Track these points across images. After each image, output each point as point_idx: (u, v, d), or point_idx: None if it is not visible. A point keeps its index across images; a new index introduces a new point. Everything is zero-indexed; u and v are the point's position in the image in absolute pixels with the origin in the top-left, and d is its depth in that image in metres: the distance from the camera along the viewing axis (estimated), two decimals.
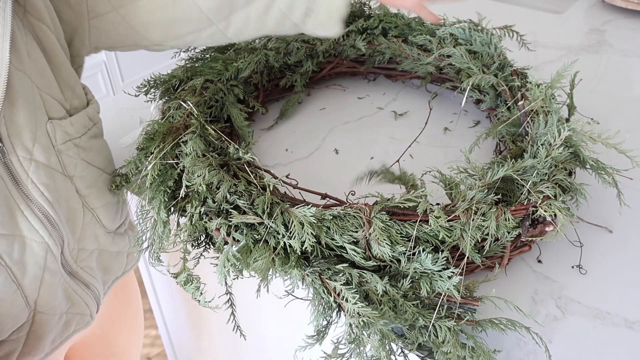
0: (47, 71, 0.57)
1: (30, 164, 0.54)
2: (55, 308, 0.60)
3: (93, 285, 0.65)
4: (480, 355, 0.52)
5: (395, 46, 0.89)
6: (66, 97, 0.59)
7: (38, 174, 0.54)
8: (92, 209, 0.63)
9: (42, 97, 0.56)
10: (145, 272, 1.09)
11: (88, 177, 0.62)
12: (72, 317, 0.64)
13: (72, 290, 0.62)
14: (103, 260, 0.67)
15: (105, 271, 0.68)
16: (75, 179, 0.60)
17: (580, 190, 0.64)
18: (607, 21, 1.25)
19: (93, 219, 0.63)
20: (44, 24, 0.57)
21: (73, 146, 0.59)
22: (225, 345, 1.04)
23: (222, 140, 0.69)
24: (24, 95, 0.53)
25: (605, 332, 0.58)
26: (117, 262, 0.70)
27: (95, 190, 0.63)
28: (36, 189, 0.54)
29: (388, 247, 0.55)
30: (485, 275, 0.63)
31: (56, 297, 0.59)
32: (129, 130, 0.89)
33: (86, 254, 0.63)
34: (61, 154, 0.58)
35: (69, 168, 0.59)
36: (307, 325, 0.56)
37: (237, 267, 0.56)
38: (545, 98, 0.70)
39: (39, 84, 0.56)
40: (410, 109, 0.93)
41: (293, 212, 0.57)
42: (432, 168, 0.67)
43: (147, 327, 1.75)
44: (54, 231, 0.56)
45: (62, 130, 0.58)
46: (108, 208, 0.65)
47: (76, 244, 0.61)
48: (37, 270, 0.56)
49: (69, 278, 0.61)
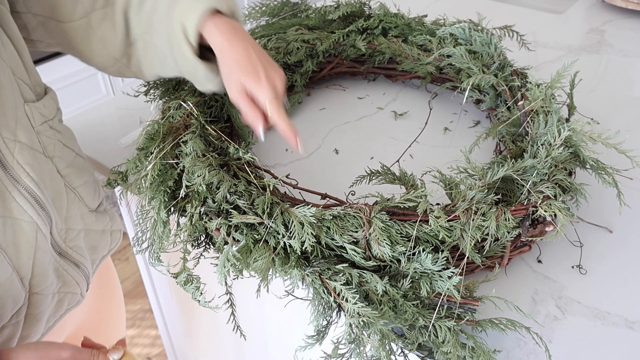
0: (15, 55, 0.58)
1: (15, 145, 0.55)
2: (48, 287, 0.61)
3: (82, 264, 0.66)
4: (480, 355, 0.52)
5: (395, 46, 0.89)
6: (32, 82, 0.60)
7: (23, 155, 0.55)
8: (73, 189, 0.64)
9: (16, 81, 0.57)
10: (145, 272, 1.09)
11: (66, 158, 0.63)
12: (63, 296, 0.65)
13: (63, 270, 0.63)
14: (90, 240, 0.68)
15: (93, 250, 0.69)
16: (55, 159, 0.61)
17: (580, 190, 0.64)
18: (607, 21, 1.25)
19: (76, 198, 0.64)
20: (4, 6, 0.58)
21: (49, 128, 0.61)
22: (225, 345, 1.04)
23: (222, 140, 0.69)
24: (3, 78, 0.54)
25: (605, 332, 0.58)
26: (103, 241, 0.72)
27: (74, 169, 0.64)
28: (22, 170, 0.55)
29: (388, 247, 0.55)
30: (485, 275, 0.63)
31: (48, 276, 0.60)
32: (129, 130, 0.89)
33: (74, 234, 0.64)
34: (40, 134, 0.59)
35: (48, 149, 0.60)
36: (307, 325, 0.56)
37: (237, 267, 0.56)
38: (545, 98, 0.70)
39: (13, 68, 0.57)
40: (410, 109, 0.93)
41: (293, 212, 0.57)
42: (432, 168, 0.67)
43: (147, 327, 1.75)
44: (41, 211, 0.57)
45: (38, 112, 0.59)
46: (87, 187, 0.67)
47: (63, 223, 0.62)
48: (29, 250, 0.57)
49: (59, 257, 0.62)
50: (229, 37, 0.61)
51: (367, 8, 0.95)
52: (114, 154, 0.84)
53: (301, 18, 0.95)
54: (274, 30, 0.92)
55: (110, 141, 0.87)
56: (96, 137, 0.88)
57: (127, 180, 0.68)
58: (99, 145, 0.86)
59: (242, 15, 0.94)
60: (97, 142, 0.87)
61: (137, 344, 1.70)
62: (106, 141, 0.87)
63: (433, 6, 1.32)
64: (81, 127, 0.91)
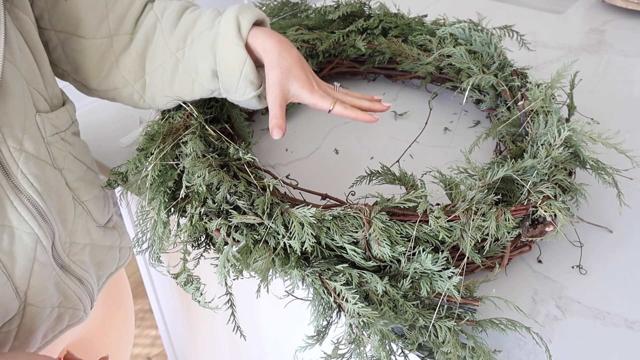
0: (33, 65, 0.58)
1: (20, 154, 0.54)
2: (45, 301, 0.60)
3: (86, 280, 0.65)
4: (480, 356, 0.52)
5: (395, 46, 0.89)
6: (49, 94, 0.61)
7: (28, 165, 0.55)
8: (82, 202, 0.64)
9: (30, 91, 0.57)
10: (145, 272, 1.09)
11: (76, 171, 0.63)
12: (64, 311, 0.64)
13: (65, 284, 0.62)
14: (96, 255, 0.67)
15: (98, 266, 0.68)
16: (64, 172, 0.61)
17: (580, 190, 0.64)
18: (607, 21, 1.25)
19: (84, 212, 0.64)
20: (29, 18, 0.58)
21: (60, 139, 0.61)
22: (226, 345, 1.04)
23: (222, 141, 0.69)
24: (15, 87, 0.54)
25: (605, 332, 0.58)
26: (110, 257, 0.71)
27: (84, 183, 0.64)
28: (26, 180, 0.55)
29: (388, 248, 0.55)
30: (486, 275, 0.63)
31: (47, 289, 0.60)
32: (129, 130, 0.89)
33: (78, 248, 0.64)
34: (50, 146, 0.59)
35: (58, 160, 0.60)
36: (307, 325, 0.56)
37: (237, 268, 0.56)
38: (545, 98, 0.70)
39: (27, 78, 0.57)
40: (410, 109, 0.93)
41: (293, 212, 0.57)
42: (432, 168, 0.67)
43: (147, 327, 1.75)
44: (44, 223, 0.57)
45: (50, 123, 0.59)
46: (97, 201, 0.66)
47: (68, 237, 0.62)
48: (27, 261, 0.56)
49: (60, 271, 0.61)
50: (280, 43, 0.64)
51: (367, 8, 0.95)
52: (114, 154, 0.84)
53: (301, 18, 0.95)
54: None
55: (110, 141, 0.88)
56: (96, 137, 0.89)
57: (127, 181, 0.68)
58: (99, 145, 0.86)
59: None
60: (97, 142, 0.87)
61: (137, 344, 1.70)
62: (106, 141, 0.87)
63: (433, 6, 1.32)
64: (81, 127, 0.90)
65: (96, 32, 0.64)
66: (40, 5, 0.61)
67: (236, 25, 0.63)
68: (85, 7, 0.63)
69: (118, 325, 0.85)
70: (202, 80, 0.67)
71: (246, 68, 0.64)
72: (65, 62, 0.66)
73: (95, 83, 0.68)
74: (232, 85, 0.66)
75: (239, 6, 0.65)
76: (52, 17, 0.62)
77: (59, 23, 0.63)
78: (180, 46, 0.66)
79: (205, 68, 0.66)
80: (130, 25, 0.66)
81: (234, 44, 0.63)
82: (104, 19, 0.64)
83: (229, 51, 0.64)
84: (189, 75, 0.67)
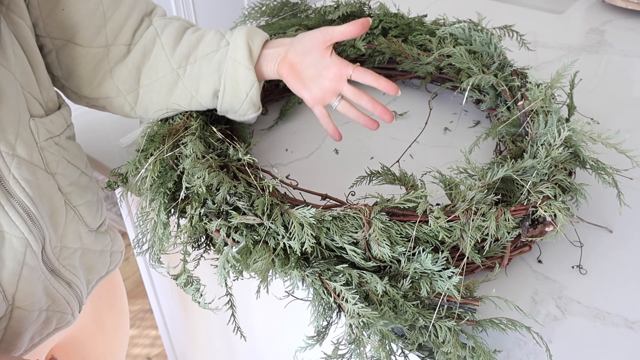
0: (28, 70, 0.58)
1: (12, 159, 0.54)
2: (33, 304, 0.60)
3: (75, 284, 0.65)
4: (480, 356, 0.52)
5: (395, 46, 0.89)
6: (44, 98, 0.60)
7: (20, 170, 0.55)
8: (74, 207, 0.63)
9: (24, 95, 0.57)
10: (145, 273, 1.09)
11: (69, 175, 0.63)
12: (52, 314, 0.64)
13: (53, 288, 0.62)
14: (87, 259, 0.67)
15: (88, 270, 0.68)
16: (57, 176, 0.61)
17: (580, 190, 0.64)
18: (607, 21, 1.25)
19: (75, 216, 0.64)
20: (25, 22, 0.58)
21: (54, 144, 0.60)
22: (225, 345, 1.04)
23: (222, 142, 0.69)
24: (9, 92, 0.54)
25: (605, 332, 0.58)
26: (101, 262, 0.70)
27: (77, 188, 0.64)
28: (17, 185, 0.55)
29: (388, 248, 0.55)
30: (486, 275, 0.63)
31: (35, 293, 0.60)
32: (128, 130, 0.89)
33: (69, 252, 0.64)
34: (44, 150, 0.59)
35: (51, 165, 0.60)
36: (307, 326, 0.56)
37: (237, 269, 0.57)
38: (545, 98, 0.70)
39: (22, 82, 0.57)
40: (410, 109, 0.93)
41: (293, 213, 0.57)
42: (432, 168, 0.67)
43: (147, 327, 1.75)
44: (34, 227, 0.57)
45: (44, 128, 0.59)
46: (89, 206, 0.66)
47: (58, 241, 0.62)
48: (16, 265, 0.56)
49: (50, 275, 0.61)
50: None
51: (367, 8, 0.95)
52: (114, 154, 0.85)
53: (301, 18, 0.95)
54: (273, 31, 0.92)
55: (110, 141, 0.88)
56: (96, 137, 0.89)
57: (127, 182, 0.68)
58: (99, 145, 0.86)
59: (242, 16, 0.94)
60: (97, 142, 0.87)
61: (137, 344, 1.70)
62: (106, 141, 0.87)
63: (433, 6, 1.32)
64: (81, 127, 0.91)
65: (93, 40, 0.65)
66: (34, 13, 0.61)
67: (247, 50, 0.66)
68: (83, 15, 0.63)
69: (110, 325, 0.85)
70: (201, 99, 0.69)
71: (253, 91, 0.68)
72: (58, 67, 0.66)
73: (87, 90, 0.68)
74: (235, 106, 0.70)
75: (247, 30, 0.68)
76: (48, 25, 0.62)
77: (54, 31, 0.63)
78: (182, 63, 0.68)
79: (208, 88, 0.68)
80: (128, 37, 0.67)
81: (245, 68, 0.67)
82: (101, 28, 0.64)
83: (239, 74, 0.67)
84: (188, 92, 0.69)
